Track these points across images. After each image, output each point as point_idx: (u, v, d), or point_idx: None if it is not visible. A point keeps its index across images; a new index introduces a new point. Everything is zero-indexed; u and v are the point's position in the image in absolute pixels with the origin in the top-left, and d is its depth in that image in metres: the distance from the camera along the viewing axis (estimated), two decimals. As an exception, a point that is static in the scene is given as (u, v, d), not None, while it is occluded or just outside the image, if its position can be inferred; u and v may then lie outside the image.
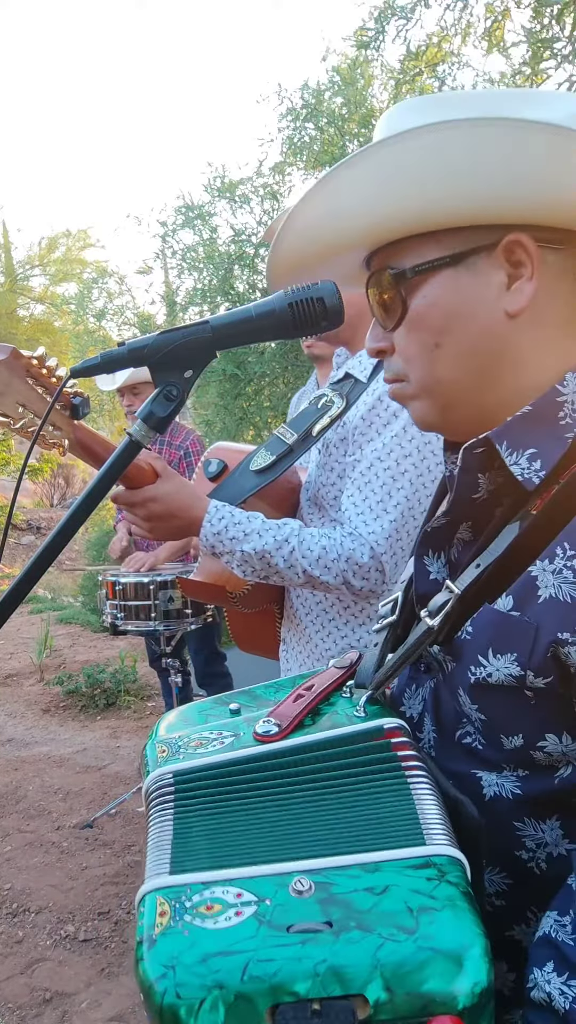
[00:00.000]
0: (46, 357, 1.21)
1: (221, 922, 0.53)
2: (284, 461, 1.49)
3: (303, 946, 0.51)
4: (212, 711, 0.84)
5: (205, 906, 0.55)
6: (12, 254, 19.51)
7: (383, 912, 0.53)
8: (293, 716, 0.74)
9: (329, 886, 0.55)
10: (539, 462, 0.70)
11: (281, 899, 0.55)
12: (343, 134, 5.55)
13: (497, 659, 0.67)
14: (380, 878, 0.55)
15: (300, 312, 0.82)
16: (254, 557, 1.38)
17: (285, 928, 0.52)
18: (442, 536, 0.80)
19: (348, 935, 0.51)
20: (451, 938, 0.51)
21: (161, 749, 0.76)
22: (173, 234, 6.21)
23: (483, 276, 0.72)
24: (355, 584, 1.39)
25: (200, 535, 1.40)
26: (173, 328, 0.82)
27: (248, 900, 0.55)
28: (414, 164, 0.69)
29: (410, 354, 0.77)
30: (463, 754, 0.73)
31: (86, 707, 5.22)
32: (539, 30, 4.11)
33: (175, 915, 0.55)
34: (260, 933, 0.52)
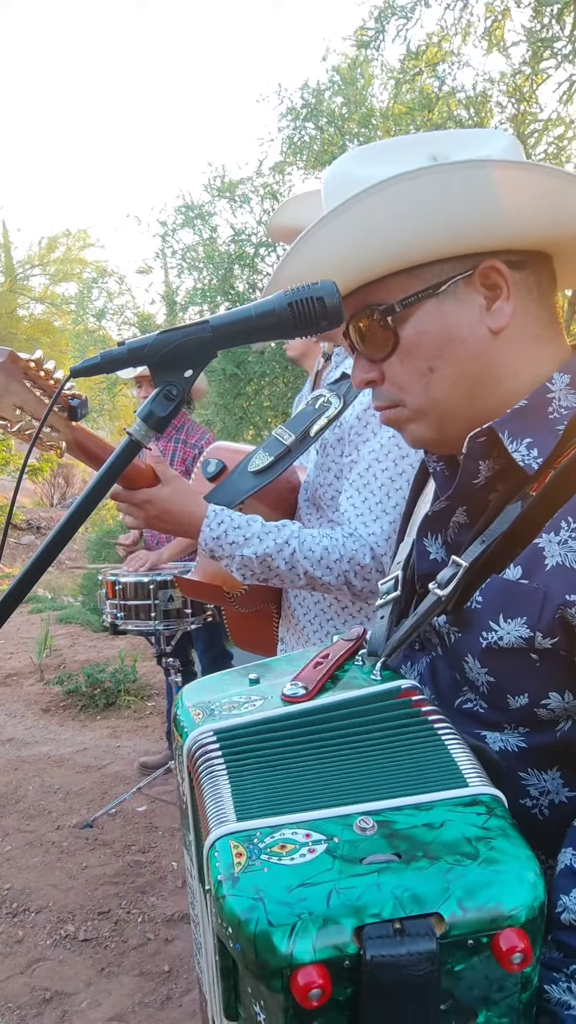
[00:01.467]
0: (44, 360, 1.22)
1: (297, 859, 0.58)
2: (282, 462, 1.49)
3: (379, 875, 0.56)
4: (232, 681, 0.89)
5: (279, 846, 0.59)
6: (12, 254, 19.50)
7: (445, 843, 0.58)
8: (317, 679, 0.80)
9: (390, 823, 0.60)
10: (536, 450, 0.78)
11: (348, 836, 0.59)
12: (343, 134, 5.55)
13: (508, 623, 0.74)
14: (435, 815, 0.60)
15: (300, 311, 0.82)
16: (254, 561, 1.38)
17: (358, 860, 0.57)
18: (441, 519, 0.87)
19: (417, 863, 0.56)
20: (509, 861, 0.57)
21: (196, 712, 0.80)
22: (173, 234, 6.21)
23: (465, 301, 0.80)
24: (356, 584, 1.39)
25: (199, 540, 1.40)
26: (173, 328, 0.82)
27: (318, 839, 0.59)
28: (386, 216, 0.76)
29: (404, 381, 0.83)
30: (465, 718, 0.79)
31: (86, 707, 5.22)
32: (539, 29, 4.11)
33: (251, 855, 0.59)
34: (336, 866, 0.57)
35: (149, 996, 2.40)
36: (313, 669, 0.82)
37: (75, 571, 10.04)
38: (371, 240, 0.78)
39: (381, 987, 0.54)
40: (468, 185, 0.75)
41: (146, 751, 4.37)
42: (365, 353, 0.86)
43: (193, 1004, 2.36)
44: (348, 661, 0.86)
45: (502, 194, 0.75)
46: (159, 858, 3.21)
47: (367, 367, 0.86)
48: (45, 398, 1.22)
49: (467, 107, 5.08)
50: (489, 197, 0.75)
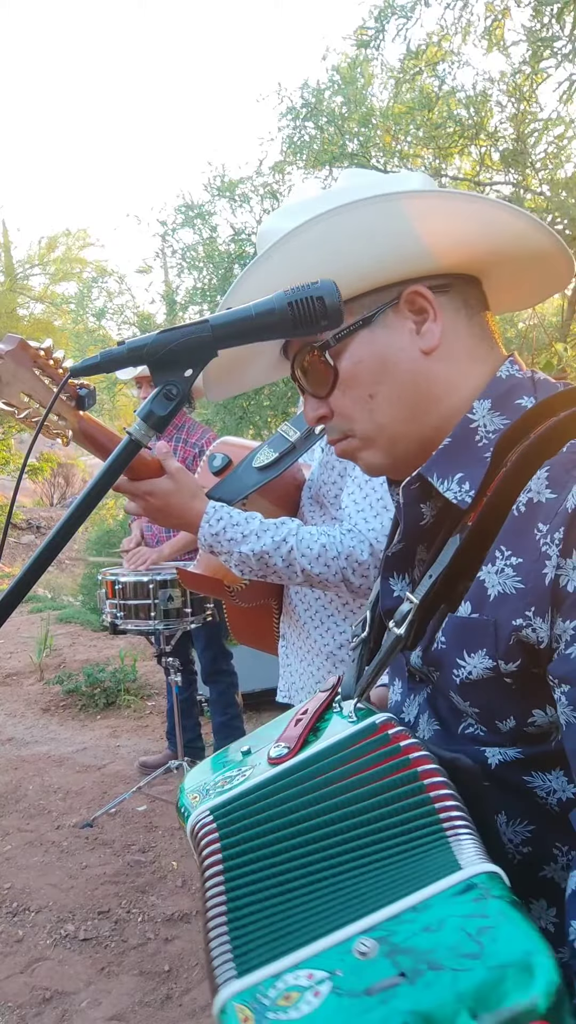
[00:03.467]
0: (53, 349, 1.23)
1: (304, 1008, 0.54)
2: (287, 458, 1.49)
3: (386, 1005, 0.52)
4: (227, 758, 0.91)
5: (283, 997, 0.55)
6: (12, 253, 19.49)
7: (446, 946, 0.54)
8: (298, 736, 0.82)
9: (389, 938, 0.57)
10: (468, 483, 0.81)
11: (350, 966, 0.56)
12: (343, 133, 5.55)
13: (472, 658, 0.76)
14: (432, 914, 0.57)
15: (300, 311, 0.82)
16: (252, 558, 1.39)
17: (364, 992, 0.53)
18: (403, 559, 0.89)
19: (423, 978, 0.53)
20: (515, 949, 0.53)
21: (192, 796, 0.83)
22: (173, 233, 6.22)
23: (394, 327, 0.85)
24: (354, 581, 1.39)
25: (198, 535, 1.40)
26: (173, 327, 0.82)
27: (320, 978, 0.56)
28: (309, 257, 0.82)
29: (348, 410, 0.87)
30: (468, 741, 0.80)
31: (86, 706, 5.22)
32: (539, 29, 4.11)
33: (258, 1016, 0.55)
34: (343, 1006, 0.53)
35: (149, 996, 2.40)
36: (294, 727, 0.84)
37: (78, 560, 10.04)
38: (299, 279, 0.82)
39: None
40: (379, 219, 0.80)
41: (146, 751, 4.37)
42: (311, 391, 0.90)
43: (193, 1004, 2.36)
44: (328, 710, 0.88)
45: (412, 224, 0.80)
46: (159, 858, 3.21)
47: (316, 405, 0.90)
48: (53, 386, 1.24)
49: (467, 107, 5.08)
50: (399, 228, 0.80)
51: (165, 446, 1.39)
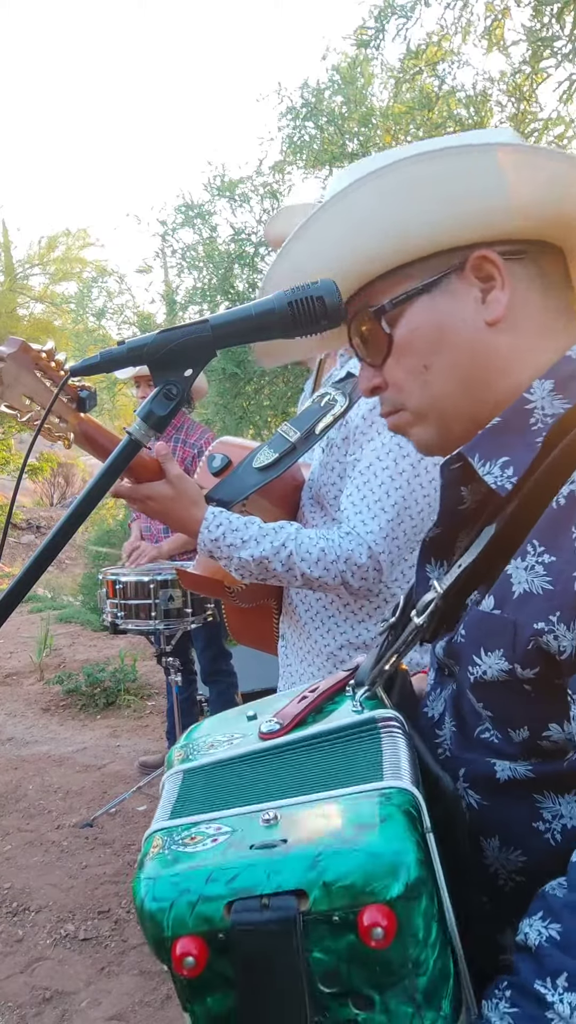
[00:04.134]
0: (55, 351, 1.23)
1: (199, 847, 0.64)
2: (287, 459, 1.49)
3: (258, 857, 0.61)
4: (233, 718, 0.92)
5: (189, 838, 0.66)
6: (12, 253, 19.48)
7: (330, 829, 0.62)
8: (295, 715, 0.80)
9: (292, 816, 0.65)
10: (511, 469, 0.74)
11: (250, 827, 0.65)
12: (343, 133, 5.55)
13: (488, 656, 0.71)
14: (337, 806, 0.65)
15: (300, 310, 0.82)
16: (252, 563, 1.39)
17: (248, 846, 0.62)
18: (441, 545, 0.84)
19: (297, 847, 0.61)
20: (383, 844, 0.59)
21: (178, 754, 0.84)
22: (173, 233, 6.21)
23: (458, 295, 0.78)
24: (353, 584, 1.39)
25: (197, 541, 1.40)
26: (173, 327, 0.82)
27: (224, 831, 0.66)
28: (377, 205, 0.75)
29: (402, 382, 0.82)
30: (482, 747, 0.76)
31: (86, 706, 5.22)
32: (539, 28, 4.11)
33: (165, 845, 0.66)
34: (227, 852, 0.63)
35: (149, 995, 2.40)
36: (296, 704, 0.83)
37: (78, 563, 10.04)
38: (362, 232, 0.77)
39: (248, 958, 0.59)
40: (466, 170, 0.73)
41: (146, 750, 4.37)
42: (366, 359, 0.85)
43: (193, 1003, 2.36)
44: (341, 692, 0.86)
45: (501, 179, 0.73)
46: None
47: (371, 374, 0.85)
48: (55, 388, 1.24)
49: (467, 106, 5.08)
50: (481, 183, 0.73)
51: (164, 447, 1.39)
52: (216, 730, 0.88)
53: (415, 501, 1.40)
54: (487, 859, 0.75)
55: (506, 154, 0.73)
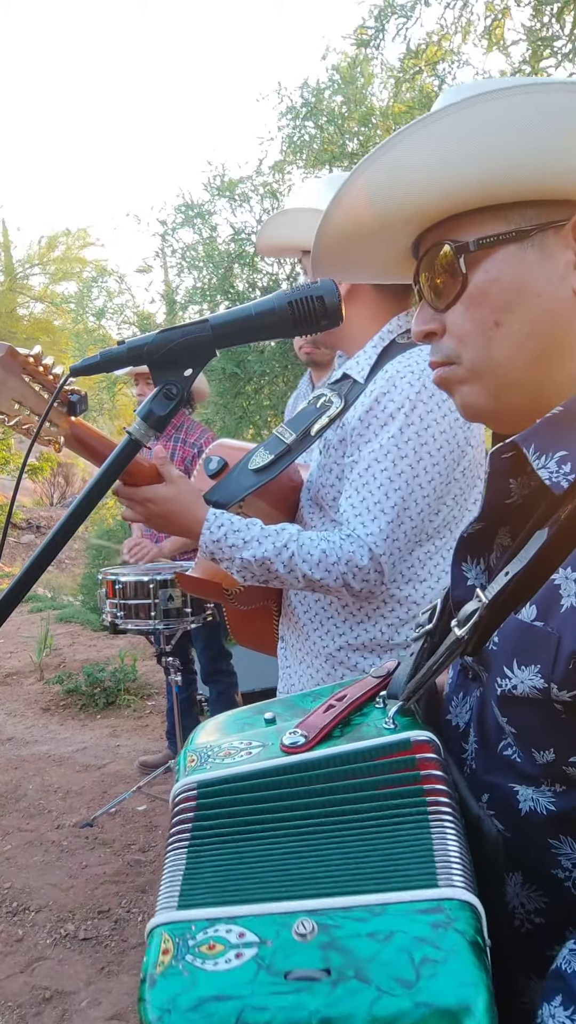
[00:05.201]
0: (42, 355, 1.23)
1: (221, 964, 0.53)
2: (282, 460, 1.49)
3: (298, 995, 0.50)
4: (248, 719, 0.84)
5: (207, 945, 0.55)
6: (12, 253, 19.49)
7: (384, 961, 0.51)
8: (321, 727, 0.73)
9: (332, 928, 0.54)
10: (569, 465, 0.67)
11: (282, 942, 0.54)
12: (343, 133, 5.55)
13: (521, 671, 0.65)
14: (385, 922, 0.54)
15: (300, 310, 0.82)
16: (254, 564, 1.39)
17: (283, 974, 0.52)
18: (480, 541, 0.77)
19: (346, 985, 0.50)
20: (451, 994, 0.49)
21: (191, 758, 0.76)
22: (173, 233, 6.21)
23: (551, 254, 0.70)
24: (354, 586, 1.39)
25: (199, 542, 1.41)
26: (173, 327, 0.82)
27: (250, 941, 0.54)
28: (480, 130, 0.66)
29: (465, 333, 0.73)
30: (504, 767, 0.70)
31: (86, 706, 5.22)
32: (539, 28, 4.11)
33: (177, 953, 0.55)
34: (258, 978, 0.52)
35: (149, 995, 2.40)
36: (322, 714, 0.76)
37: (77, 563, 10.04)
38: (460, 156, 0.68)
39: None
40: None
41: (146, 750, 4.37)
42: (429, 299, 0.76)
43: (193, 1003, 2.36)
44: (369, 702, 0.79)
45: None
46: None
47: (428, 317, 0.76)
48: (44, 393, 1.24)
49: (467, 106, 5.06)
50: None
51: (162, 451, 1.39)
52: (231, 732, 0.81)
53: (414, 502, 1.40)
54: (506, 896, 0.69)
55: None
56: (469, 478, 1.48)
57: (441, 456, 1.40)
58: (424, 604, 1.48)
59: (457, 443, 1.42)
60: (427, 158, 0.69)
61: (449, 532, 1.49)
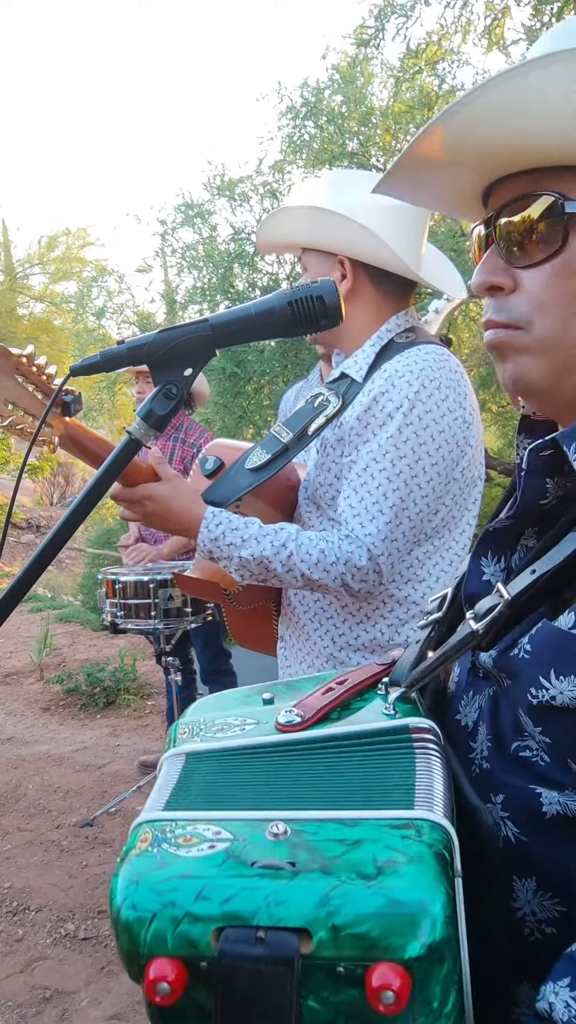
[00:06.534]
0: (35, 355, 1.23)
1: (193, 852, 0.56)
2: (279, 459, 1.49)
3: (260, 879, 0.53)
4: (247, 699, 0.84)
5: (184, 838, 0.58)
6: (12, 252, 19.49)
7: (348, 860, 0.53)
8: (318, 708, 0.73)
9: (304, 833, 0.56)
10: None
11: (254, 839, 0.56)
12: (343, 132, 5.55)
13: (561, 681, 0.61)
14: (356, 832, 0.56)
15: (299, 310, 0.82)
16: (252, 563, 1.39)
17: (249, 863, 0.54)
18: (505, 539, 0.74)
19: (307, 875, 0.52)
20: (408, 891, 0.51)
21: (183, 731, 0.77)
22: (172, 232, 6.20)
23: None
24: (353, 586, 1.39)
25: (197, 541, 1.40)
26: (173, 326, 0.82)
27: (224, 837, 0.57)
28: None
29: (547, 300, 0.66)
30: (521, 768, 0.67)
31: (86, 706, 5.22)
32: (539, 28, 4.11)
33: (154, 842, 0.58)
34: (224, 864, 0.54)
35: (149, 994, 2.40)
36: (320, 696, 0.75)
37: (77, 563, 10.04)
38: (551, 113, 0.61)
39: (234, 996, 0.50)
40: None
41: (146, 750, 4.37)
42: (506, 251, 0.68)
43: (193, 1002, 2.36)
44: (371, 688, 0.78)
45: None
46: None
47: (499, 269, 0.68)
48: (37, 393, 1.24)
49: (467, 105, 5.06)
50: None
51: (158, 451, 1.39)
52: (227, 708, 0.81)
53: (413, 502, 1.40)
54: (517, 902, 0.66)
55: None
56: (468, 478, 1.48)
57: (440, 456, 1.40)
58: (424, 604, 1.48)
59: (456, 443, 1.42)
60: (556, 90, 0.62)
61: (448, 532, 1.49)
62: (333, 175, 1.60)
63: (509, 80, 0.63)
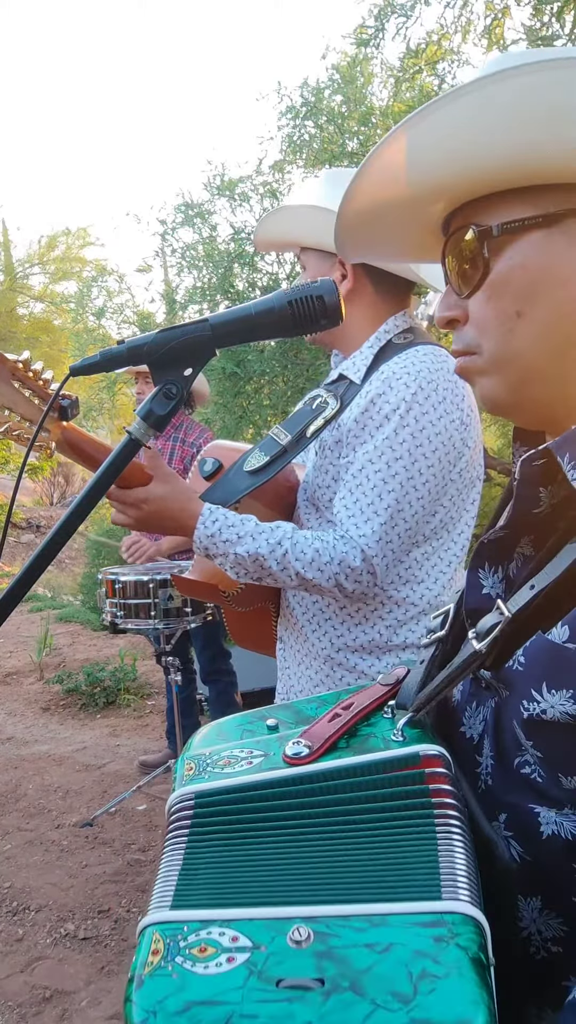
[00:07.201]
0: (31, 361, 1.23)
1: (212, 967, 0.51)
2: (278, 462, 1.49)
3: (289, 1004, 0.48)
4: (250, 726, 0.82)
5: (199, 948, 0.53)
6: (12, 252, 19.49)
7: (380, 974, 0.49)
8: (326, 737, 0.71)
9: (329, 937, 0.52)
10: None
11: (276, 948, 0.52)
12: (343, 132, 5.55)
13: (552, 695, 0.62)
14: (384, 933, 0.52)
15: (299, 310, 0.82)
16: (247, 560, 1.38)
17: (275, 982, 0.50)
18: (501, 549, 0.74)
19: (339, 996, 0.48)
20: (450, 1012, 0.47)
21: (188, 766, 0.74)
22: (172, 232, 6.20)
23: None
24: (347, 587, 1.39)
25: (193, 537, 1.40)
26: (172, 326, 0.82)
27: (243, 946, 0.53)
28: (510, 103, 0.64)
29: (486, 322, 0.71)
30: (521, 785, 0.67)
31: (86, 705, 5.22)
32: (539, 28, 4.11)
33: (167, 954, 0.53)
34: (248, 984, 0.50)
35: (149, 994, 2.40)
36: (327, 724, 0.73)
37: (77, 563, 10.04)
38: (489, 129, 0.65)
39: None
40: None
41: (146, 750, 4.37)
42: (455, 284, 0.74)
43: (193, 1002, 2.36)
44: (377, 711, 0.76)
45: None
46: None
47: (451, 303, 0.74)
48: (34, 398, 1.23)
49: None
50: None
51: (151, 450, 1.38)
52: (230, 738, 0.79)
53: (408, 504, 1.39)
54: (522, 921, 0.66)
55: None
56: (466, 479, 1.48)
57: (437, 458, 1.40)
58: (422, 605, 1.48)
59: (453, 444, 1.42)
60: (455, 130, 0.67)
61: (447, 533, 1.49)
62: (332, 174, 1.60)
63: (410, 128, 0.69)
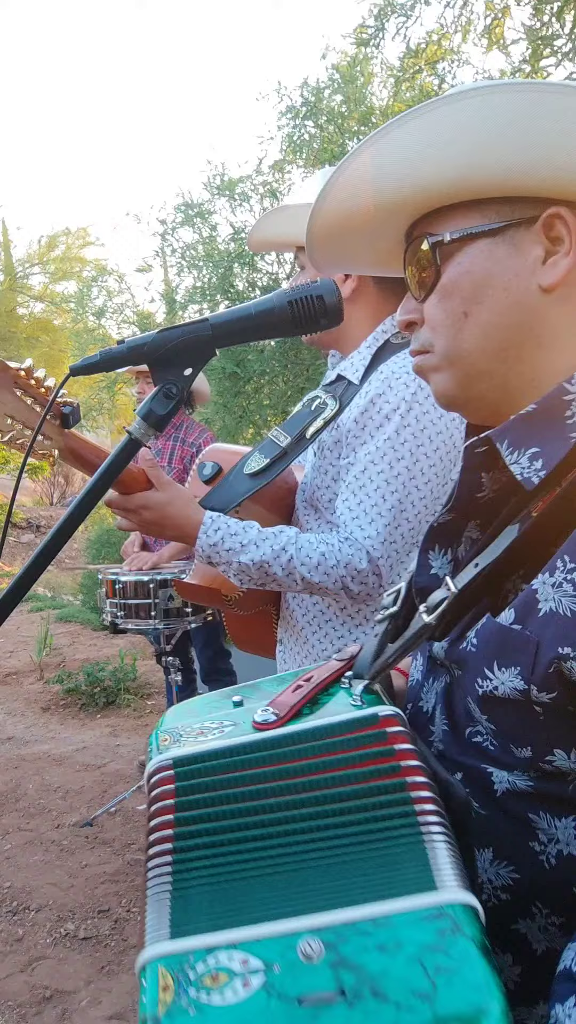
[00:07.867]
0: (33, 369, 1.21)
1: (229, 996, 0.50)
2: (278, 464, 1.48)
3: (316, 1021, 0.48)
4: (217, 703, 0.85)
5: (211, 976, 0.51)
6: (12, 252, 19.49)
7: (397, 975, 0.50)
8: (291, 705, 0.74)
9: (338, 945, 0.52)
10: (540, 461, 0.70)
11: (289, 965, 0.51)
12: (343, 132, 5.55)
13: (502, 672, 0.67)
14: (391, 934, 0.53)
15: (299, 310, 0.82)
16: (252, 568, 1.38)
17: (296, 1000, 0.49)
18: (449, 532, 0.80)
19: (363, 1005, 0.49)
20: (468, 1000, 0.49)
21: (163, 738, 0.77)
22: (173, 232, 6.21)
23: (520, 249, 0.74)
24: (353, 589, 1.38)
25: (195, 546, 1.39)
26: (172, 326, 0.82)
27: (255, 968, 0.52)
28: (458, 125, 0.71)
29: (437, 323, 0.78)
30: (474, 751, 0.72)
31: (86, 705, 5.22)
32: (539, 27, 4.11)
33: (179, 989, 0.51)
34: (271, 1008, 0.49)
35: (149, 994, 2.40)
36: (291, 693, 0.77)
37: (75, 570, 10.04)
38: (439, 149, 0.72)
39: None
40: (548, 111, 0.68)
41: (146, 750, 4.37)
42: (413, 290, 0.81)
43: (193, 1002, 2.36)
44: (336, 683, 0.80)
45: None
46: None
47: (411, 307, 0.81)
48: (36, 407, 1.22)
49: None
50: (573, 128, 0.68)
51: (148, 454, 1.36)
52: (201, 714, 0.81)
53: (411, 504, 1.39)
54: (475, 871, 0.70)
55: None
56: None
57: (438, 457, 1.40)
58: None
59: (454, 443, 1.41)
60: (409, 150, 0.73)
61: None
62: (329, 172, 1.60)
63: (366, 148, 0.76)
